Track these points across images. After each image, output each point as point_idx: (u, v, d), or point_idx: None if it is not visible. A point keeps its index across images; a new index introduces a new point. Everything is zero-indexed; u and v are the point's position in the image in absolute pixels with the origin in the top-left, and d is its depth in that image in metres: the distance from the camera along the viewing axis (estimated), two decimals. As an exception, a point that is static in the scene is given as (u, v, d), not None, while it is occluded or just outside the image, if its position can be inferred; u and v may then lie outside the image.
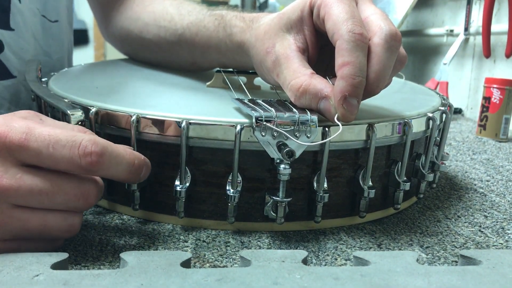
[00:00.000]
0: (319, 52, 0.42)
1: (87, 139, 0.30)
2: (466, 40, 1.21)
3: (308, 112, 0.37)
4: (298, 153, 0.36)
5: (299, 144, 0.36)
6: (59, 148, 0.30)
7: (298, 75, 0.38)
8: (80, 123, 0.38)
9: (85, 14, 3.05)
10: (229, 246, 0.37)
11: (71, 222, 0.32)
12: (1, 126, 0.30)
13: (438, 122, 0.46)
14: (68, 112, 0.38)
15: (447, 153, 0.54)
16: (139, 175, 0.35)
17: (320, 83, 0.37)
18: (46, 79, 0.53)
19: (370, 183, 0.41)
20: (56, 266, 0.29)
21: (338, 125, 0.35)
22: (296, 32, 0.41)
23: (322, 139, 0.38)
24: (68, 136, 0.30)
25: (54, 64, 0.65)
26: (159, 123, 0.38)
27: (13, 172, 0.30)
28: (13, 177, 0.30)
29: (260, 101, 0.40)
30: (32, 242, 0.32)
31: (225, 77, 0.52)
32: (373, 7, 0.39)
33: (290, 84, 0.38)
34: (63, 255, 0.30)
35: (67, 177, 0.31)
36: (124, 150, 0.33)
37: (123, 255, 0.30)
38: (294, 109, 0.37)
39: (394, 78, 0.73)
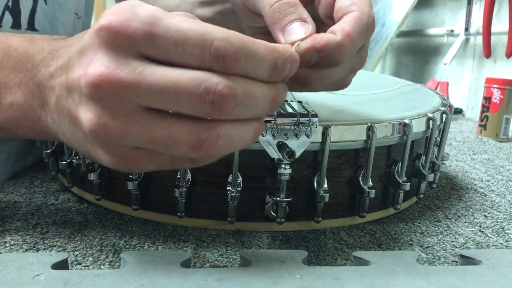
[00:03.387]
0: None
1: (219, 38, 0.25)
2: (466, 40, 1.21)
3: (309, 112, 0.37)
4: (298, 153, 0.36)
5: (299, 144, 0.36)
6: (188, 47, 0.25)
7: None
8: None
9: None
10: (229, 246, 0.37)
11: (196, 137, 0.26)
12: (125, 12, 0.26)
13: (438, 122, 0.46)
14: None
15: (447, 153, 0.54)
16: (282, 75, 0.28)
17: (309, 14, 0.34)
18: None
19: (370, 183, 0.41)
20: (57, 266, 0.29)
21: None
22: None
23: (323, 139, 0.38)
24: (198, 34, 0.25)
25: None
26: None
27: (134, 65, 0.26)
28: (133, 71, 0.26)
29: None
30: (157, 155, 0.28)
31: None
32: None
33: None
34: (64, 255, 0.30)
35: (194, 75, 0.26)
36: (265, 49, 0.27)
37: (123, 255, 0.30)
38: (295, 110, 0.37)
39: (394, 78, 0.74)
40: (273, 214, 0.39)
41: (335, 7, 0.36)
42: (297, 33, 0.33)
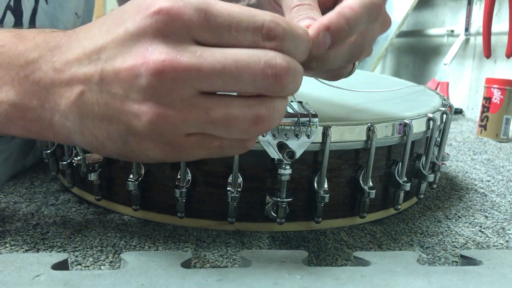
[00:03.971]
0: None
1: (269, 20, 0.27)
2: (466, 41, 1.21)
3: (309, 112, 0.37)
4: (298, 154, 0.36)
5: (299, 144, 0.36)
6: (241, 29, 0.27)
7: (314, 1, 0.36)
8: None
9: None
10: (229, 246, 0.37)
11: (257, 111, 0.28)
12: (174, 1, 0.26)
13: (438, 123, 0.46)
14: None
15: (447, 154, 0.54)
16: (311, 53, 0.31)
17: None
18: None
19: (371, 184, 0.41)
20: (57, 267, 0.29)
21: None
22: None
23: (323, 140, 0.38)
24: (249, 17, 0.27)
25: None
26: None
27: (193, 50, 0.26)
28: (193, 55, 0.26)
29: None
30: (217, 140, 0.29)
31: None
32: None
33: None
34: (64, 256, 0.30)
35: (251, 52, 0.27)
36: (302, 30, 0.29)
37: (123, 255, 0.30)
38: (295, 110, 0.37)
39: (395, 79, 0.74)
40: (274, 214, 0.39)
41: None
42: (305, 22, 0.33)
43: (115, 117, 0.28)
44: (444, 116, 0.48)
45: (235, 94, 0.28)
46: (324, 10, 0.37)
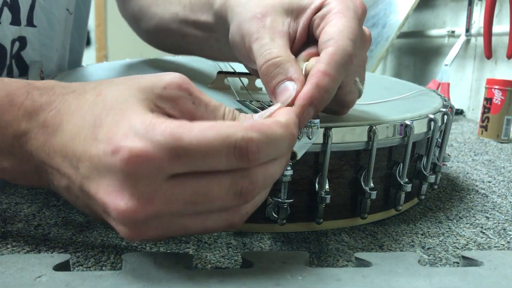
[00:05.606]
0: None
1: (240, 138, 0.26)
2: (467, 41, 1.21)
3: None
4: (300, 155, 0.36)
5: (300, 145, 0.36)
6: (215, 156, 0.26)
7: (280, 49, 0.36)
8: None
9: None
10: (230, 247, 0.37)
11: (231, 222, 0.29)
12: (143, 143, 0.26)
13: (439, 124, 0.46)
14: None
15: (448, 154, 0.54)
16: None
17: (298, 69, 0.36)
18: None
19: (372, 185, 0.41)
20: (59, 268, 0.29)
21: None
22: (293, 18, 0.39)
23: (324, 141, 0.38)
24: (221, 141, 0.26)
25: (71, 54, 0.67)
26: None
27: (163, 190, 0.27)
28: (163, 196, 0.27)
29: (262, 103, 0.40)
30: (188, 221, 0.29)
31: (226, 78, 0.52)
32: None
33: (269, 50, 0.36)
34: (65, 257, 0.30)
35: (219, 179, 0.27)
36: (281, 129, 0.29)
37: (124, 256, 0.30)
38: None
39: (395, 80, 0.74)
40: (275, 215, 0.39)
41: (319, 42, 0.37)
42: (285, 95, 0.34)
43: (98, 214, 0.30)
44: (445, 117, 0.48)
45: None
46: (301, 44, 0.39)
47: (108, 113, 0.28)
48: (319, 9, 0.38)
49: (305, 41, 0.39)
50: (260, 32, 0.37)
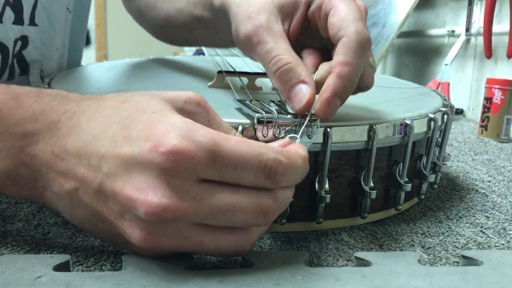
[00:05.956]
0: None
1: (272, 158, 0.28)
2: (467, 41, 1.21)
3: (310, 113, 0.37)
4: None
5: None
6: (246, 169, 0.28)
7: (287, 53, 0.37)
8: None
9: (86, 15, 3.05)
10: (230, 247, 0.37)
11: (241, 246, 0.30)
12: (185, 141, 0.27)
13: (439, 123, 0.46)
14: None
15: (448, 154, 0.54)
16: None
17: (307, 70, 0.37)
18: (48, 80, 0.54)
19: (372, 184, 0.41)
20: (59, 268, 0.29)
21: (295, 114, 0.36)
22: (286, 15, 0.40)
23: (324, 140, 0.38)
24: (254, 156, 0.28)
25: (71, 54, 0.67)
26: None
27: (193, 192, 0.27)
28: (193, 198, 0.27)
29: (261, 102, 0.40)
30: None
31: (226, 77, 0.52)
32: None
33: (278, 56, 0.37)
34: (65, 257, 0.30)
35: (246, 192, 0.28)
36: (301, 160, 0.31)
37: (125, 257, 0.30)
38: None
39: (395, 79, 0.73)
40: (275, 215, 0.38)
41: (329, 35, 0.37)
42: (300, 96, 0.36)
43: (107, 223, 0.29)
44: (445, 116, 0.48)
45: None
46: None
47: (141, 114, 0.29)
48: (310, 2, 0.39)
49: (298, 36, 0.40)
50: (260, 35, 0.38)
